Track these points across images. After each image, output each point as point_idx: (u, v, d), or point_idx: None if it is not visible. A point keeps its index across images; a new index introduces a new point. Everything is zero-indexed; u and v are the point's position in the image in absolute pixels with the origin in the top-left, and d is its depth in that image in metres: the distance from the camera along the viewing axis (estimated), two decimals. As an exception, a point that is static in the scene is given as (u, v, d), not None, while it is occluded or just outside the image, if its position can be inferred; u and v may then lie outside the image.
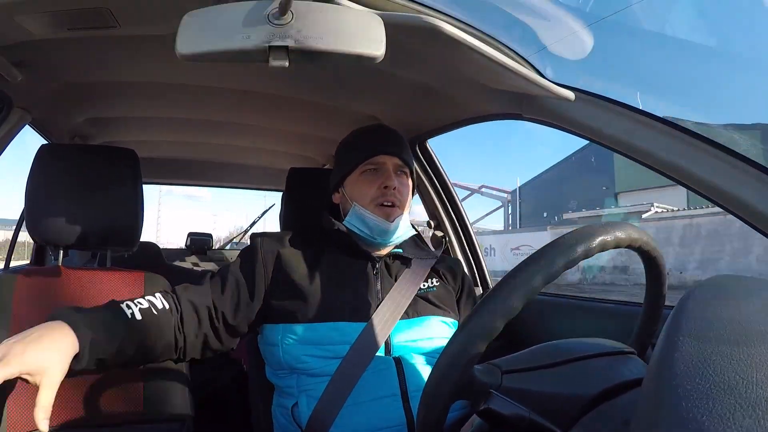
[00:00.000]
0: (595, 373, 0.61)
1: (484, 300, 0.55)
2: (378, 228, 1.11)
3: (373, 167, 1.14)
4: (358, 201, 1.14)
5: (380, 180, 1.12)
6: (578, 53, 1.02)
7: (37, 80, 1.20)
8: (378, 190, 1.12)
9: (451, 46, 0.86)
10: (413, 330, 1.08)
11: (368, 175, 1.14)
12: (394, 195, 1.12)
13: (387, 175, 1.13)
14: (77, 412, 1.04)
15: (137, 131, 1.90)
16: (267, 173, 2.57)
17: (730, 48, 2.19)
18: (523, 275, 0.54)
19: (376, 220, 1.11)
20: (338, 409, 0.97)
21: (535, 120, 1.12)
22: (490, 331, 0.53)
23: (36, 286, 1.10)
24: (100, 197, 1.15)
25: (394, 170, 1.14)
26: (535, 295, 0.53)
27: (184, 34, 0.65)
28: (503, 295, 0.53)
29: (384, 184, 1.12)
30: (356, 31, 0.67)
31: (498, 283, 0.55)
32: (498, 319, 0.53)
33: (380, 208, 1.12)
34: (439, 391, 0.56)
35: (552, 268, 0.53)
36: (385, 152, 1.14)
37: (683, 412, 0.33)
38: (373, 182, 1.13)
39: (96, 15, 0.90)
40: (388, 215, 1.11)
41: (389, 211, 1.12)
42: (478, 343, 0.53)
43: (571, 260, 0.54)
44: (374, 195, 1.12)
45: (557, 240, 0.56)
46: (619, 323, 1.24)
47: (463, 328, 0.55)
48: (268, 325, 1.09)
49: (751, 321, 0.39)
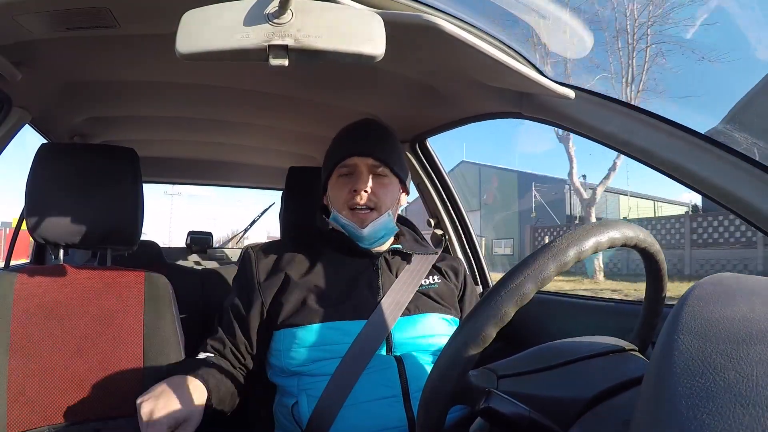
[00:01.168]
0: (593, 375, 0.61)
1: (476, 308, 0.55)
2: (353, 233, 1.11)
3: (346, 170, 1.13)
4: (335, 205, 1.14)
5: (352, 183, 1.10)
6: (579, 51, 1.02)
7: (37, 79, 1.20)
8: (349, 194, 1.10)
9: (451, 45, 0.86)
10: (415, 327, 1.08)
11: (342, 179, 1.13)
12: (368, 198, 1.10)
13: (358, 179, 1.10)
14: (77, 412, 1.05)
15: (137, 130, 1.90)
16: (266, 172, 2.57)
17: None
18: (513, 282, 0.53)
19: (350, 225, 1.10)
20: (338, 409, 0.97)
21: (534, 118, 1.12)
22: (483, 339, 0.53)
23: (36, 285, 1.10)
24: (101, 196, 1.16)
25: (369, 171, 1.11)
26: (527, 300, 0.53)
27: (184, 33, 0.65)
28: (494, 303, 0.53)
29: (353, 187, 1.10)
30: (356, 29, 0.67)
31: (489, 290, 0.55)
32: (490, 327, 0.53)
33: (352, 212, 1.11)
34: (436, 398, 0.56)
35: (543, 273, 0.53)
36: (356, 153, 1.11)
37: (683, 410, 0.33)
38: (346, 186, 1.11)
39: (96, 14, 0.90)
40: (361, 220, 1.10)
41: (362, 215, 1.10)
42: (471, 351, 0.54)
43: (563, 264, 0.54)
44: (346, 199, 1.11)
45: (548, 244, 0.55)
46: (620, 322, 1.24)
47: (455, 336, 0.55)
48: (271, 330, 1.09)
49: (752, 319, 0.39)
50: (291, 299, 1.06)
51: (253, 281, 1.10)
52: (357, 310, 1.05)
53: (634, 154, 0.91)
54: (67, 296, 1.11)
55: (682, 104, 5.72)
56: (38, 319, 1.07)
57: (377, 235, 1.12)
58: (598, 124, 0.96)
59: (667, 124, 0.86)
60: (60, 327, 1.07)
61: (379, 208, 1.11)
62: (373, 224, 1.10)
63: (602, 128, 0.95)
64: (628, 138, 0.91)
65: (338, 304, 1.05)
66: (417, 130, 1.64)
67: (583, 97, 0.99)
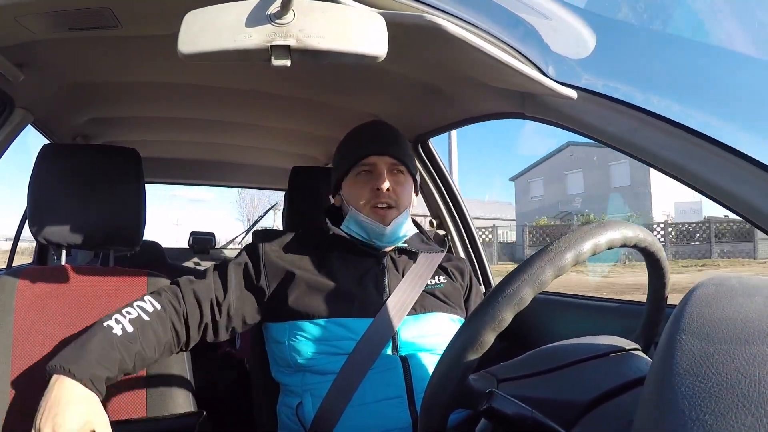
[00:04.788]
0: (594, 376, 0.61)
1: (474, 313, 0.55)
2: (374, 231, 1.11)
3: (365, 169, 1.13)
4: (354, 204, 1.13)
5: (373, 182, 1.11)
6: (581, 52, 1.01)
7: (39, 80, 1.20)
8: (371, 192, 1.11)
9: (453, 45, 0.86)
10: (420, 326, 1.08)
11: (362, 177, 1.13)
12: (388, 196, 1.10)
13: (379, 177, 1.11)
14: None
15: (139, 131, 1.90)
16: (269, 172, 2.57)
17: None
18: (511, 287, 0.53)
19: (372, 223, 1.10)
20: (343, 409, 0.97)
21: (537, 119, 1.12)
22: (481, 344, 0.53)
23: (39, 285, 1.10)
24: (103, 197, 1.16)
25: (389, 170, 1.12)
26: (524, 305, 0.53)
27: (186, 33, 0.65)
28: (491, 309, 0.53)
29: (376, 186, 1.10)
30: (358, 30, 0.67)
31: (487, 296, 0.55)
32: (488, 332, 0.53)
33: (375, 210, 1.11)
34: (436, 403, 0.57)
35: (540, 278, 0.53)
36: (376, 152, 1.12)
37: (685, 410, 0.33)
38: (366, 184, 1.12)
39: (97, 15, 0.90)
40: (383, 218, 1.10)
41: (384, 213, 1.11)
42: (470, 356, 0.54)
43: (561, 267, 0.54)
44: (368, 197, 1.11)
45: (545, 248, 0.55)
46: (623, 322, 1.24)
47: (454, 341, 0.56)
48: (275, 323, 1.09)
49: (754, 319, 0.39)
50: (297, 292, 1.06)
51: (262, 262, 1.09)
52: (363, 308, 1.05)
53: (637, 155, 0.91)
54: (70, 297, 1.11)
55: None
56: (40, 320, 1.07)
57: (398, 232, 1.13)
58: (601, 124, 0.96)
59: (670, 124, 0.86)
60: (62, 328, 1.07)
61: (399, 206, 1.12)
62: (395, 222, 1.11)
63: (605, 129, 0.95)
64: (631, 138, 0.90)
65: (345, 301, 1.05)
66: (419, 130, 1.64)
67: (586, 97, 0.99)
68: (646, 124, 0.89)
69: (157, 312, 0.96)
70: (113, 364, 0.87)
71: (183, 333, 1.00)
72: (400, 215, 1.12)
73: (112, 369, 0.86)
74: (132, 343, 0.90)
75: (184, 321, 1.00)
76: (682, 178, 0.84)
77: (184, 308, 1.00)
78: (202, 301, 1.02)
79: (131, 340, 0.90)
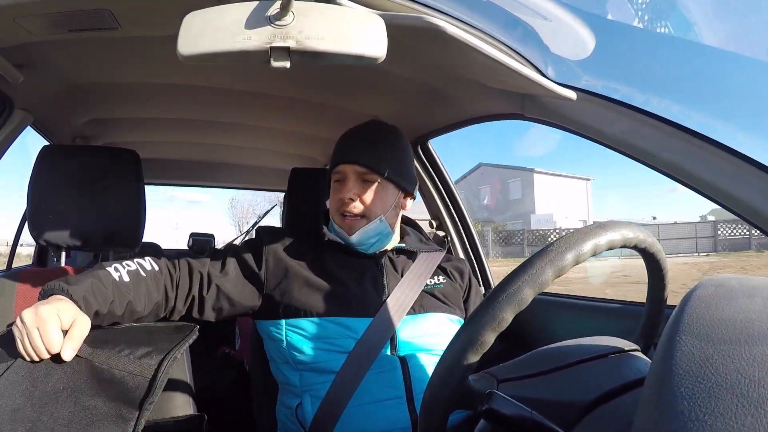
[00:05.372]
0: (594, 377, 0.61)
1: (474, 314, 0.55)
2: (345, 239, 1.12)
3: (337, 177, 1.14)
4: (330, 211, 1.16)
5: (341, 191, 1.12)
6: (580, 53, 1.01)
7: (39, 82, 1.20)
8: (339, 201, 1.12)
9: (452, 47, 0.86)
10: (419, 326, 1.08)
11: (336, 185, 1.14)
12: (353, 206, 1.10)
13: (344, 186, 1.12)
14: None
15: (139, 132, 1.90)
16: (269, 174, 2.57)
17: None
18: (511, 287, 0.53)
19: (340, 231, 1.12)
20: (342, 409, 0.97)
21: (536, 120, 1.12)
22: (481, 345, 0.53)
23: (38, 287, 1.10)
24: (103, 198, 1.16)
25: (358, 178, 1.11)
26: (525, 305, 0.53)
27: (185, 35, 0.65)
28: (491, 309, 0.53)
29: (339, 195, 1.11)
30: (357, 31, 0.67)
31: (487, 296, 0.55)
32: (488, 333, 0.53)
33: (342, 219, 1.12)
34: (436, 403, 0.56)
35: (541, 278, 0.53)
36: (345, 161, 1.12)
37: (685, 411, 0.33)
38: (337, 193, 1.13)
39: (97, 16, 0.90)
40: (349, 227, 1.11)
41: (350, 222, 1.11)
42: (470, 356, 0.54)
43: (561, 268, 0.54)
44: (337, 206, 1.13)
45: (545, 248, 0.55)
46: (623, 323, 1.24)
47: (454, 342, 0.56)
48: (272, 320, 1.09)
49: (753, 320, 0.39)
50: (295, 289, 1.06)
51: (262, 255, 1.10)
52: (362, 308, 1.05)
53: (636, 156, 0.91)
54: None
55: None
56: None
57: (367, 241, 1.12)
58: (601, 125, 0.95)
59: (670, 125, 0.86)
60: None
61: (368, 215, 1.11)
62: (362, 231, 1.10)
63: (604, 130, 0.95)
64: (630, 139, 0.90)
65: (344, 301, 1.06)
66: (419, 131, 1.64)
67: (586, 98, 0.99)
68: (646, 125, 0.89)
69: (154, 271, 0.99)
70: (105, 300, 0.88)
71: (172, 298, 1.01)
72: (370, 224, 1.11)
73: (103, 305, 0.87)
74: (125, 290, 0.92)
75: (176, 287, 1.02)
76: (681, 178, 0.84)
77: (178, 275, 1.03)
78: (194, 273, 1.05)
79: (125, 288, 0.92)
